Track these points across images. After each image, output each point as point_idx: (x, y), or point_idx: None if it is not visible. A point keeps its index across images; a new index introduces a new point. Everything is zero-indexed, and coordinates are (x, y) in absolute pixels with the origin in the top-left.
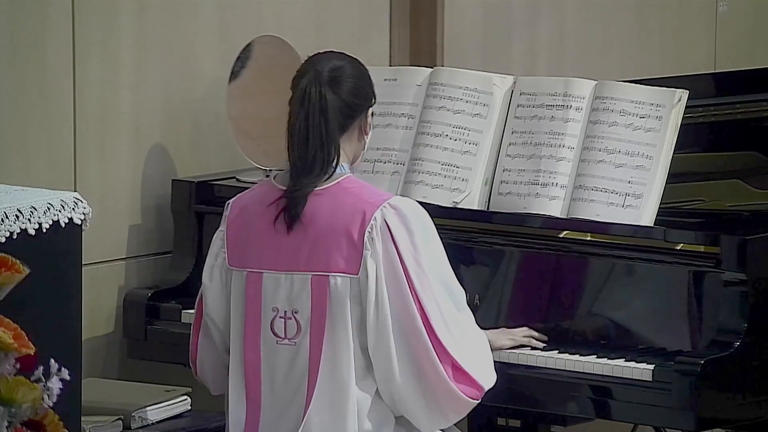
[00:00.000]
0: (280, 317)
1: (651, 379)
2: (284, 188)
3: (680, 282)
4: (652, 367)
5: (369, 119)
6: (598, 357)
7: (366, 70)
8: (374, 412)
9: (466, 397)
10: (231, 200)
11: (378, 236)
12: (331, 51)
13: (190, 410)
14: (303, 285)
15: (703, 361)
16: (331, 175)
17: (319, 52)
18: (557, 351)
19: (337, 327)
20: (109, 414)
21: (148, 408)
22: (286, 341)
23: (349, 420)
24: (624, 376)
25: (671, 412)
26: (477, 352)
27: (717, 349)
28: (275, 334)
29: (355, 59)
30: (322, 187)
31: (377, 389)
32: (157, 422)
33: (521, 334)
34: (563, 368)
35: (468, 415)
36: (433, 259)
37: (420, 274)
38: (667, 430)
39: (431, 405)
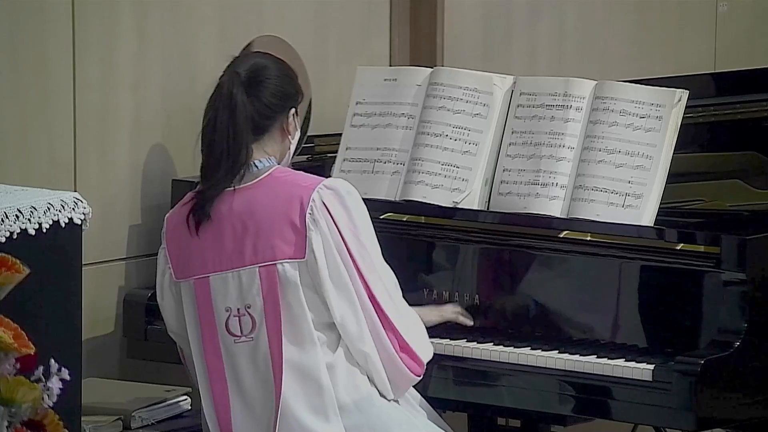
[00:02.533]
0: (234, 316)
1: (651, 379)
2: None
3: (680, 282)
4: (652, 367)
5: (291, 119)
6: (598, 357)
7: (290, 71)
8: (350, 379)
9: (410, 373)
10: (167, 215)
11: (320, 216)
12: (257, 51)
13: (190, 410)
14: (251, 279)
15: (703, 361)
16: (244, 174)
17: (246, 53)
18: (557, 351)
19: (293, 312)
20: (109, 414)
21: (148, 408)
22: (243, 338)
23: (326, 397)
24: (624, 376)
25: (671, 412)
26: (415, 326)
27: (717, 349)
28: (231, 334)
29: (280, 60)
30: (253, 181)
31: (346, 357)
32: (157, 422)
33: (450, 310)
34: (563, 368)
35: (468, 414)
36: (370, 235)
37: (361, 250)
38: (667, 430)
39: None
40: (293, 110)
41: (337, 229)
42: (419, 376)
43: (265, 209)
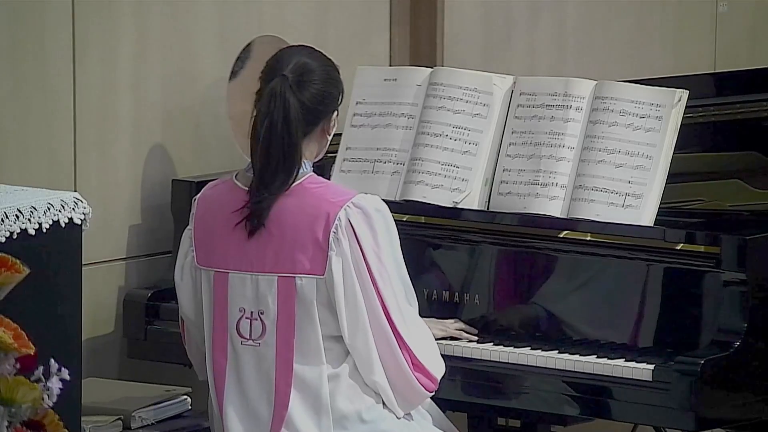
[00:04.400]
0: (246, 318)
1: (651, 379)
2: (245, 189)
3: (680, 282)
4: (652, 367)
5: (332, 122)
6: (598, 357)
7: (334, 71)
8: (354, 389)
9: (424, 390)
10: (197, 196)
11: (343, 236)
12: (302, 46)
13: (190, 410)
14: (269, 286)
15: (703, 361)
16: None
17: (291, 46)
18: (557, 351)
19: (305, 325)
20: (109, 414)
21: (148, 408)
22: (250, 342)
23: (322, 411)
24: (624, 376)
25: (671, 412)
26: (428, 345)
27: (717, 349)
28: (240, 335)
29: (324, 58)
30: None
31: (351, 369)
32: (157, 422)
33: (453, 327)
34: (563, 368)
35: (468, 414)
36: (393, 256)
37: (381, 270)
38: (667, 430)
39: (396, 394)
40: (335, 113)
41: (360, 249)
42: (432, 392)
43: (292, 220)
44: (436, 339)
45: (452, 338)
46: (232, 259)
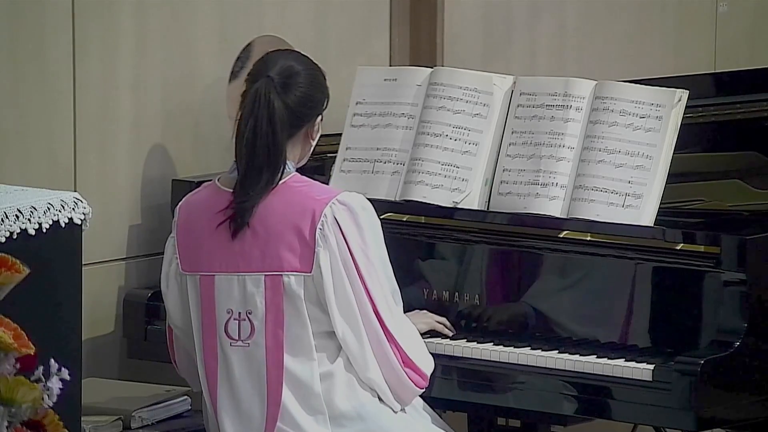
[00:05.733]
0: (234, 319)
1: (651, 379)
2: (230, 191)
3: (680, 282)
4: (652, 367)
5: (317, 126)
6: (598, 357)
7: (320, 75)
8: (350, 387)
9: (414, 386)
10: (179, 204)
11: (330, 233)
12: (289, 50)
13: (190, 410)
14: (256, 285)
15: (703, 361)
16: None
17: (278, 50)
18: (557, 351)
19: (294, 324)
20: (109, 414)
21: (148, 408)
22: (239, 343)
23: (318, 411)
24: (624, 376)
25: (671, 412)
26: (416, 341)
27: (717, 349)
28: (229, 336)
29: (311, 63)
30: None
31: (346, 366)
32: (157, 422)
33: (435, 319)
34: (563, 368)
35: (468, 414)
36: (380, 253)
37: (369, 267)
38: (667, 430)
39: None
40: (319, 117)
41: (347, 245)
42: (423, 388)
43: (277, 218)
44: (421, 332)
45: (443, 336)
46: (218, 261)
